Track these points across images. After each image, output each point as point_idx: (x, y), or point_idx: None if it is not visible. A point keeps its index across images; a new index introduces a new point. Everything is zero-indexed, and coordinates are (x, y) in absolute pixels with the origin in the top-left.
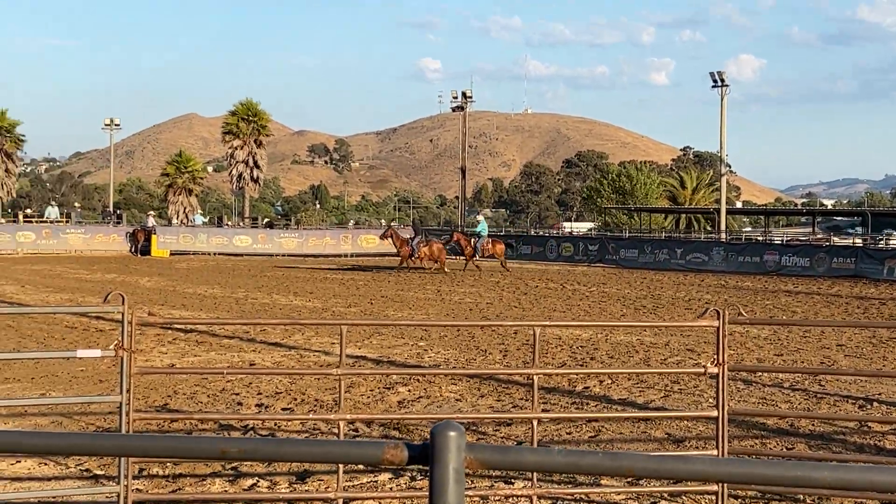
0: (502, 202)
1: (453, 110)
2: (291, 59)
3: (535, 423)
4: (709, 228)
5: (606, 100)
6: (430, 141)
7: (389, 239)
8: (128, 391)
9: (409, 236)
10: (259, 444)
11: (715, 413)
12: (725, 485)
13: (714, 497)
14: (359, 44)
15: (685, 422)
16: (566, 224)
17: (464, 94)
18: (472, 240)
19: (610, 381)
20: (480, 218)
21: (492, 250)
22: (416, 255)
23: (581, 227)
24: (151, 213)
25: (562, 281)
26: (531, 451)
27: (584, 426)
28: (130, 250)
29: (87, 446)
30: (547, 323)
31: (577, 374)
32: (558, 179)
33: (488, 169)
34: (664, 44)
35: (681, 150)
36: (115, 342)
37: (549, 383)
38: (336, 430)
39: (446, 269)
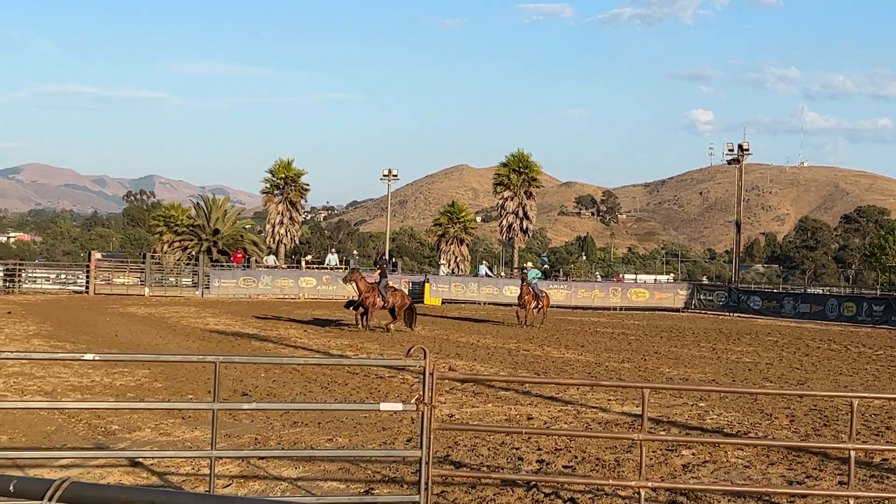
0: (775, 258)
1: (728, 163)
2: (561, 111)
3: (851, 501)
4: None
5: (890, 153)
6: (700, 194)
7: (353, 284)
8: (427, 446)
9: (375, 280)
10: None
11: None
12: None
13: None
14: (629, 96)
15: None
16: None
17: (740, 147)
18: (531, 289)
19: None
20: (530, 264)
21: (545, 304)
22: (386, 305)
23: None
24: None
25: (845, 342)
26: None
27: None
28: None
29: None
30: (872, 395)
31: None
32: (836, 235)
33: (761, 223)
34: None
35: None
36: (417, 396)
37: (844, 454)
38: (622, 494)
39: (391, 327)
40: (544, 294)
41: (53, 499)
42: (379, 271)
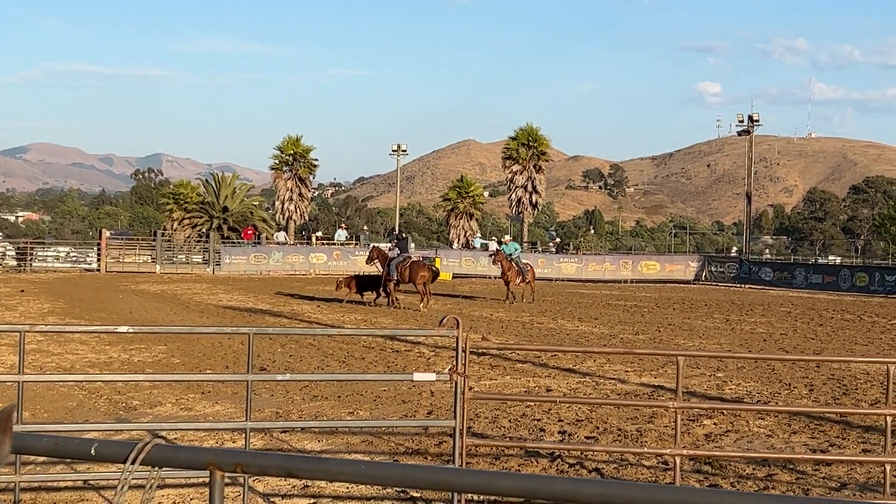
0: (783, 229)
1: (739, 134)
2: (567, 85)
3: (887, 467)
4: None
5: None
6: (708, 166)
7: (376, 262)
8: (462, 416)
9: (393, 255)
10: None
11: None
12: None
13: None
14: (637, 69)
15: None
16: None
17: (750, 118)
18: (514, 263)
19: None
20: (507, 238)
21: (531, 277)
22: (393, 280)
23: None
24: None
25: (858, 312)
26: None
27: None
28: None
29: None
30: None
31: None
32: (844, 206)
33: (769, 195)
34: None
35: None
36: (451, 367)
37: (865, 421)
38: (646, 464)
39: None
40: (529, 267)
41: (137, 462)
42: (396, 245)
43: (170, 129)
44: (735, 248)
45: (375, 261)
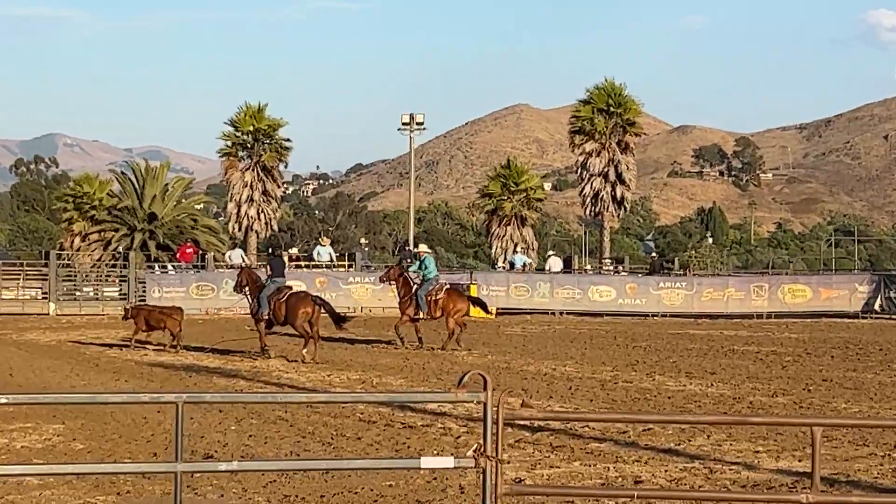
0: None
1: None
2: (669, 20)
3: None
4: None
5: None
6: (885, 138)
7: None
8: None
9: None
10: None
11: None
12: None
13: None
14: None
15: None
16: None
17: None
18: (415, 286)
19: None
20: (423, 248)
21: (446, 306)
22: (264, 318)
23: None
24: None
25: None
26: None
27: None
28: None
29: None
30: None
31: None
32: None
33: None
34: None
35: None
36: (475, 446)
37: None
38: None
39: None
40: (439, 298)
41: None
42: (268, 267)
43: (68, 97)
44: None
45: (245, 289)
